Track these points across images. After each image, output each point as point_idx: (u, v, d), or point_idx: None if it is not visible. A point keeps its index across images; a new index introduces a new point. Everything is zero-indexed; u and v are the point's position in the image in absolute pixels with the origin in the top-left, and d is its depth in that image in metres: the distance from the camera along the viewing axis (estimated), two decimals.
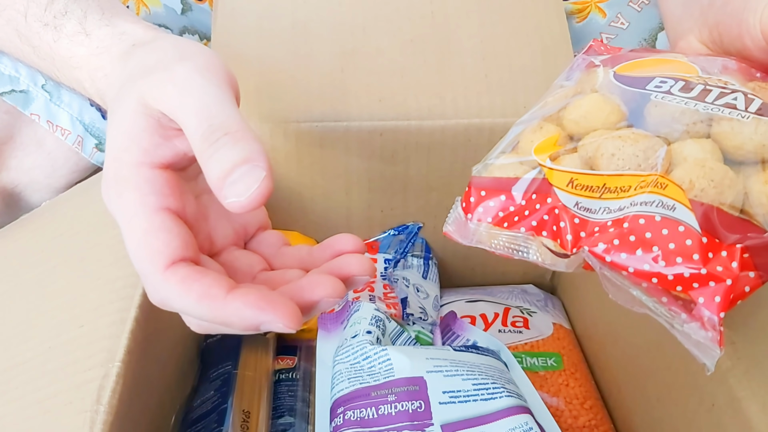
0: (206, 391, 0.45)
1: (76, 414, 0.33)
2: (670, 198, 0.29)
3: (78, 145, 0.58)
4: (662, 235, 0.29)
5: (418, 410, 0.39)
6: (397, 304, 0.54)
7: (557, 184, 0.33)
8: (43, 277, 0.44)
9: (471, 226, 0.35)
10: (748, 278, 0.28)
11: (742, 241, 0.28)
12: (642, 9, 0.65)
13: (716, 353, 0.28)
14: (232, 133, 0.30)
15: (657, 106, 0.33)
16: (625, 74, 0.36)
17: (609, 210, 0.31)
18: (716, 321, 0.27)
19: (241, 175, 0.29)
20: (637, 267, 0.29)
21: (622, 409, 0.50)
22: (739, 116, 0.31)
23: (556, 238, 0.32)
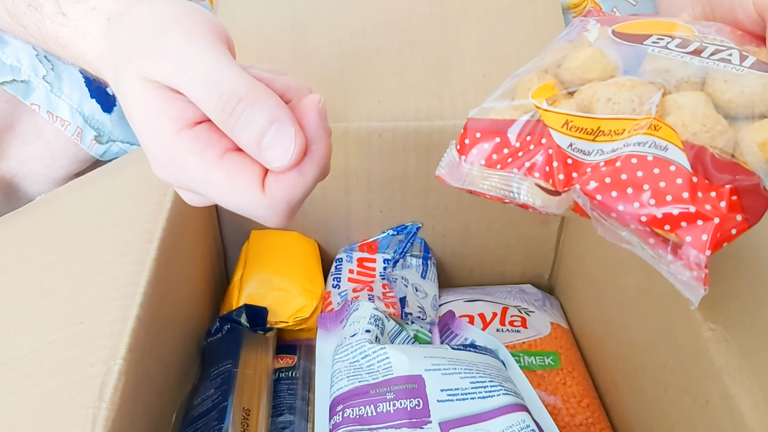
0: (207, 389, 0.45)
1: (78, 410, 0.33)
2: (662, 139, 0.29)
3: (77, 137, 0.58)
4: (653, 174, 0.29)
5: (416, 408, 0.39)
6: (396, 304, 0.54)
7: (552, 125, 0.33)
8: (41, 271, 0.44)
9: (464, 168, 0.35)
10: (735, 221, 0.28)
11: (732, 182, 0.28)
12: (637, 3, 0.65)
13: (701, 292, 0.28)
14: (245, 97, 0.30)
15: (653, 59, 0.33)
16: (623, 32, 0.37)
17: (602, 152, 0.31)
18: (702, 260, 0.27)
19: (273, 139, 0.30)
20: (627, 205, 0.29)
21: (618, 407, 0.51)
22: (734, 69, 0.32)
23: (548, 179, 0.32)
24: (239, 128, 0.30)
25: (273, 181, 0.31)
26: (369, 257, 0.62)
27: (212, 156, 0.31)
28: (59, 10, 0.40)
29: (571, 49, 0.37)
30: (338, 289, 0.57)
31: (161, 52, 0.32)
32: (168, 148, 0.32)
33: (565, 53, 0.36)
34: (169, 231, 0.44)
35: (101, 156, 0.61)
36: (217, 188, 0.31)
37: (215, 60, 0.31)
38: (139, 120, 0.33)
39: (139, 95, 0.32)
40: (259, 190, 0.31)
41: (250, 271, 0.57)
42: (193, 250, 0.52)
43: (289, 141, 0.30)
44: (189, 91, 0.31)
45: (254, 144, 0.30)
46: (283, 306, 0.54)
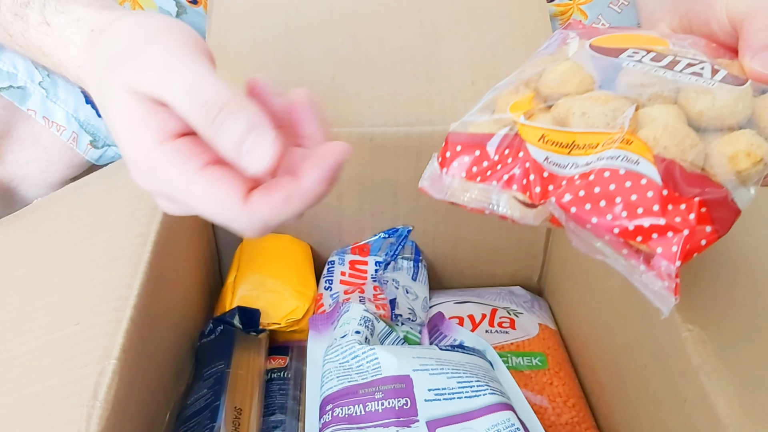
0: (200, 389, 0.46)
1: (73, 408, 0.34)
2: (634, 153, 0.30)
3: (73, 141, 0.59)
4: (625, 187, 0.30)
5: (404, 407, 0.40)
6: (386, 305, 0.55)
7: (529, 139, 0.34)
8: (37, 273, 0.45)
9: (445, 180, 0.36)
10: (705, 232, 0.29)
11: (701, 195, 0.29)
12: (622, 10, 0.66)
13: (672, 301, 0.29)
14: (227, 105, 0.31)
15: (628, 73, 0.35)
16: (600, 45, 0.38)
17: (577, 165, 0.32)
18: (673, 270, 0.28)
19: (252, 145, 0.30)
20: (600, 218, 0.30)
21: (603, 406, 0.52)
22: (705, 83, 0.33)
23: (525, 191, 0.33)
24: (220, 135, 0.31)
25: (259, 198, 0.32)
26: (361, 260, 0.63)
27: (193, 167, 0.32)
28: (44, 20, 0.41)
29: (550, 62, 0.38)
30: (330, 291, 0.58)
31: (146, 64, 0.33)
32: (150, 158, 0.33)
33: (545, 66, 0.37)
34: (163, 234, 0.45)
35: (97, 160, 0.62)
36: (197, 198, 0.32)
37: (198, 71, 0.32)
38: (121, 129, 0.34)
39: (123, 105, 0.33)
40: (240, 201, 0.32)
41: (244, 274, 0.57)
42: (187, 253, 0.53)
43: (267, 146, 0.31)
44: (173, 100, 0.32)
45: (234, 149, 0.31)
46: (275, 308, 0.55)
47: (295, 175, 0.33)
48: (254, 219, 0.32)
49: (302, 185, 0.32)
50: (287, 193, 0.32)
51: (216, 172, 0.32)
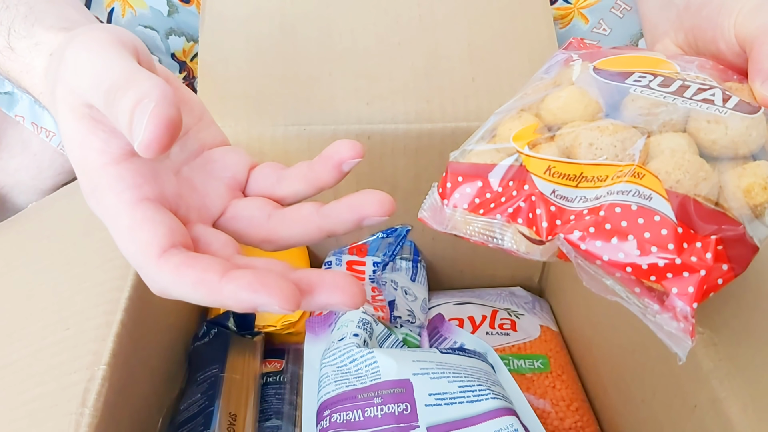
0: (193, 394, 0.45)
1: (62, 416, 0.33)
2: (646, 188, 0.29)
3: (63, 147, 0.58)
4: (638, 224, 0.29)
5: (404, 412, 0.39)
6: (385, 307, 0.54)
7: (534, 171, 0.33)
8: (28, 279, 0.44)
9: (447, 212, 0.35)
10: (722, 270, 0.28)
11: (717, 232, 0.28)
12: (624, 15, 0.65)
13: (688, 344, 0.28)
14: (122, 85, 0.28)
15: (635, 99, 0.33)
16: (604, 69, 0.36)
17: (585, 199, 0.31)
18: (689, 312, 0.27)
19: (138, 119, 0.27)
20: (612, 255, 0.29)
21: (608, 410, 0.51)
22: (717, 111, 0.31)
23: (531, 226, 0.32)
24: (118, 117, 0.28)
25: (173, 263, 0.28)
26: (358, 260, 0.62)
27: (128, 200, 0.30)
28: (8, 45, 0.40)
29: (552, 86, 0.36)
30: None
31: (65, 68, 0.31)
32: (92, 179, 0.31)
33: (547, 91, 0.36)
34: None
35: None
36: (118, 232, 0.30)
37: (104, 61, 0.30)
38: (71, 150, 0.32)
39: (69, 126, 0.32)
40: (154, 252, 0.29)
41: None
42: None
43: (144, 115, 0.27)
44: (88, 97, 0.30)
45: (128, 131, 0.28)
46: None
47: (232, 261, 0.30)
48: (156, 279, 0.29)
49: (225, 281, 0.27)
50: (200, 278, 0.27)
51: (146, 212, 0.30)
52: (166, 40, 0.63)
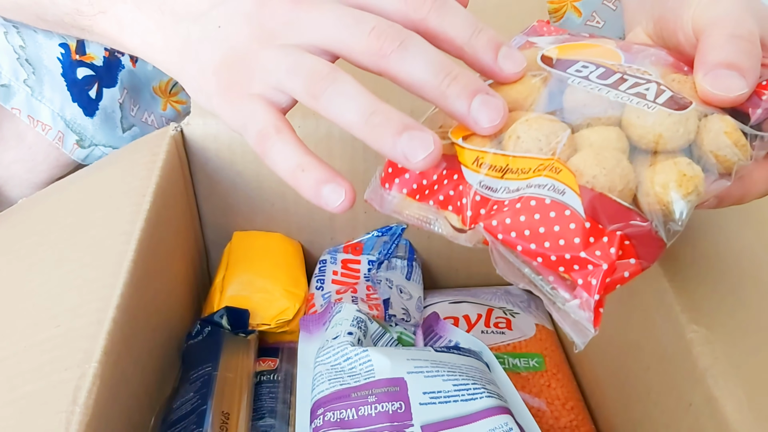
0: (186, 393, 0.45)
1: (52, 414, 0.32)
2: (561, 182, 0.30)
3: (59, 141, 0.58)
4: (549, 217, 0.30)
5: (398, 411, 0.39)
6: (380, 306, 0.54)
7: (464, 162, 0.33)
8: (19, 275, 0.43)
9: (387, 196, 0.36)
10: (629, 264, 0.29)
11: (624, 228, 0.29)
12: (617, 8, 0.65)
13: (590, 333, 0.29)
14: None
15: (573, 91, 0.34)
16: (551, 56, 0.37)
17: (508, 190, 0.32)
18: (592, 303, 0.28)
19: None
20: (525, 246, 0.30)
21: (603, 409, 0.51)
22: (646, 106, 0.32)
23: (459, 213, 0.33)
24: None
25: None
26: (353, 259, 0.61)
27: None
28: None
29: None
30: (322, 291, 0.57)
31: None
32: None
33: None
34: (148, 232, 0.43)
35: (83, 160, 0.61)
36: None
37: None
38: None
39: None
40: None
41: (233, 273, 0.56)
42: (173, 251, 0.52)
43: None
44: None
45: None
46: (265, 308, 0.53)
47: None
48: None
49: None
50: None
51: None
52: None
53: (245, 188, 0.58)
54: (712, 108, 0.32)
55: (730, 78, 0.32)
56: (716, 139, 0.31)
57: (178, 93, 0.68)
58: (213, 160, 0.56)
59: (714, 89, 0.32)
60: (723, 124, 0.32)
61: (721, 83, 0.32)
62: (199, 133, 0.54)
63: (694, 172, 0.30)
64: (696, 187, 0.30)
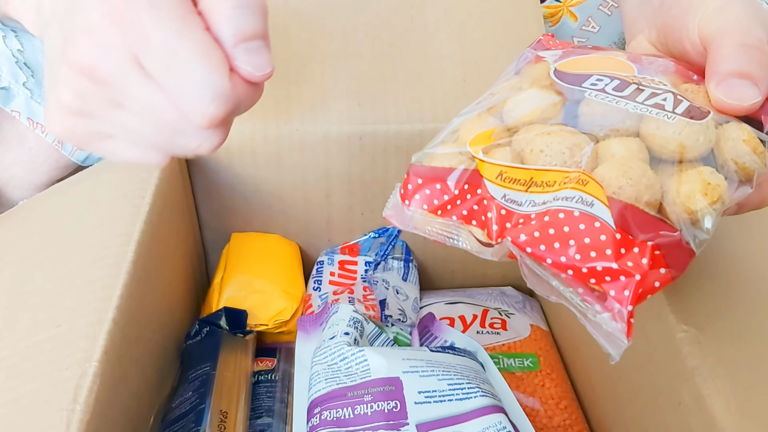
0: (185, 392, 0.45)
1: (53, 412, 0.33)
2: (589, 194, 0.30)
3: (59, 143, 0.58)
4: (579, 229, 0.30)
5: (393, 410, 0.39)
6: (376, 306, 0.55)
7: (487, 176, 0.34)
8: (20, 275, 0.44)
9: (407, 213, 0.36)
10: (659, 274, 0.29)
11: (654, 239, 0.29)
12: (612, 12, 0.66)
13: (624, 344, 0.29)
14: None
15: (589, 104, 0.34)
16: (564, 71, 0.37)
17: (534, 203, 0.32)
18: (625, 313, 0.29)
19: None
20: (554, 259, 0.30)
21: (596, 408, 0.51)
22: (665, 117, 0.32)
23: (484, 228, 0.33)
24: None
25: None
26: (350, 260, 0.62)
27: (193, 23, 0.30)
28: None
29: (517, 87, 0.37)
30: (319, 292, 0.57)
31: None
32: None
33: (511, 92, 0.37)
34: (148, 233, 0.44)
35: (83, 162, 0.61)
36: (185, 56, 0.29)
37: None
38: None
39: None
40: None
41: (231, 274, 0.56)
42: (172, 253, 0.52)
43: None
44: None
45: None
46: (263, 309, 0.54)
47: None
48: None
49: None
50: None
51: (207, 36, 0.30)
52: None
53: (243, 190, 0.58)
54: (727, 116, 0.33)
55: (743, 87, 0.32)
56: (735, 147, 0.32)
57: None
58: (211, 162, 0.56)
59: (728, 99, 0.32)
60: (741, 132, 0.32)
61: (734, 93, 0.32)
62: None
63: (718, 180, 0.31)
64: (721, 196, 0.30)
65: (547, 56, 0.39)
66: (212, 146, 0.33)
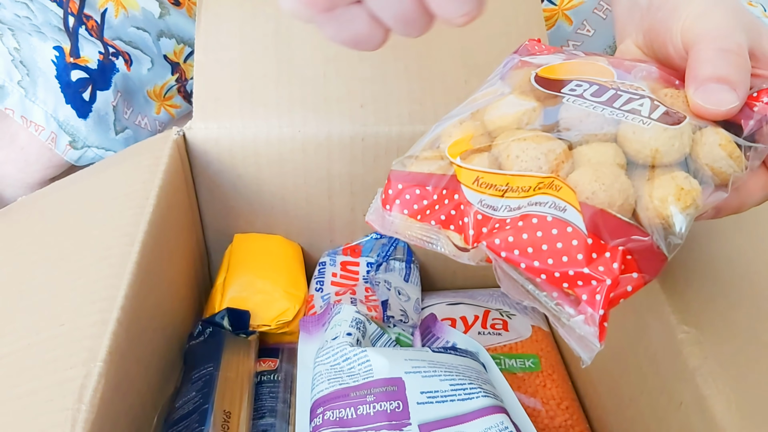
0: (188, 392, 0.46)
1: (57, 412, 0.33)
2: (561, 199, 0.30)
3: (51, 142, 0.58)
4: (552, 234, 0.30)
5: (396, 410, 0.40)
6: (378, 307, 0.55)
7: (464, 182, 0.34)
8: (21, 272, 0.44)
9: (388, 218, 0.36)
10: (631, 279, 0.29)
11: (626, 243, 0.29)
12: (607, 16, 0.66)
13: (596, 347, 0.29)
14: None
15: (568, 109, 0.34)
16: (545, 76, 0.37)
17: (510, 208, 0.32)
18: (597, 317, 0.29)
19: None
20: (528, 263, 0.30)
21: (597, 409, 0.51)
22: (641, 122, 0.32)
23: (461, 232, 0.33)
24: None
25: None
26: (352, 261, 0.62)
27: None
28: None
29: (499, 93, 0.37)
30: (321, 293, 0.57)
31: None
32: None
33: (494, 97, 0.37)
34: (151, 234, 0.44)
35: (76, 161, 0.61)
36: None
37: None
38: None
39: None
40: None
41: (233, 275, 0.57)
42: (175, 254, 0.52)
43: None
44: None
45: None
46: (265, 309, 0.54)
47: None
48: None
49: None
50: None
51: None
52: (157, 42, 0.64)
53: (246, 191, 0.58)
54: (705, 121, 0.33)
55: (721, 92, 0.32)
56: (711, 152, 0.32)
57: (172, 97, 0.68)
58: (214, 163, 0.56)
59: (705, 104, 0.32)
60: (717, 137, 0.32)
61: (712, 97, 0.32)
62: (200, 137, 0.55)
63: (691, 185, 0.31)
64: (694, 201, 0.30)
65: (532, 62, 0.39)
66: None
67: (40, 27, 0.57)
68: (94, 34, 0.60)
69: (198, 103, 0.55)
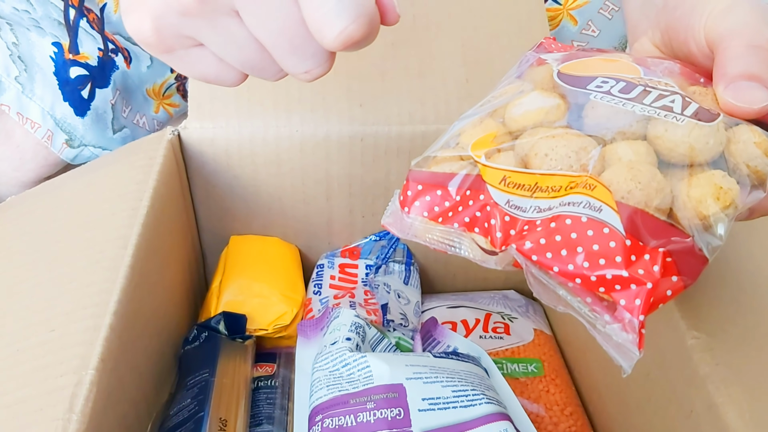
0: (183, 399, 0.44)
1: (48, 421, 0.32)
2: (597, 199, 0.29)
3: (47, 140, 0.58)
4: (587, 236, 0.28)
5: (397, 417, 0.39)
6: (378, 311, 0.54)
7: (490, 182, 0.33)
8: (10, 275, 0.43)
9: (407, 220, 0.35)
10: (671, 282, 0.28)
11: (666, 245, 0.28)
12: (612, 16, 0.65)
13: (635, 355, 0.28)
14: None
15: (595, 107, 0.33)
16: (568, 73, 0.36)
17: (539, 209, 0.30)
18: (636, 323, 0.27)
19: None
20: (562, 267, 0.29)
21: (602, 415, 0.50)
22: (674, 119, 0.31)
23: (487, 235, 0.32)
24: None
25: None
26: (351, 263, 0.61)
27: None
28: None
29: (519, 90, 0.36)
30: (319, 296, 0.57)
31: None
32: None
33: (513, 95, 0.36)
34: (145, 237, 0.43)
35: (72, 160, 0.60)
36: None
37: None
38: None
39: None
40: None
41: (229, 278, 0.56)
42: (170, 256, 0.51)
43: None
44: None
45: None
46: (262, 313, 0.53)
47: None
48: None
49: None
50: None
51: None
52: None
53: (242, 192, 0.57)
54: (737, 119, 0.32)
55: (753, 89, 0.31)
56: (746, 150, 0.31)
57: (171, 96, 0.67)
58: (210, 164, 0.55)
59: (737, 101, 0.31)
60: (752, 135, 0.31)
61: (743, 95, 0.31)
62: (195, 137, 0.54)
63: (729, 184, 0.30)
64: (733, 200, 0.29)
65: (549, 59, 0.38)
66: (320, 74, 0.30)
67: (39, 21, 0.56)
68: (95, 27, 0.59)
69: (193, 102, 0.54)
